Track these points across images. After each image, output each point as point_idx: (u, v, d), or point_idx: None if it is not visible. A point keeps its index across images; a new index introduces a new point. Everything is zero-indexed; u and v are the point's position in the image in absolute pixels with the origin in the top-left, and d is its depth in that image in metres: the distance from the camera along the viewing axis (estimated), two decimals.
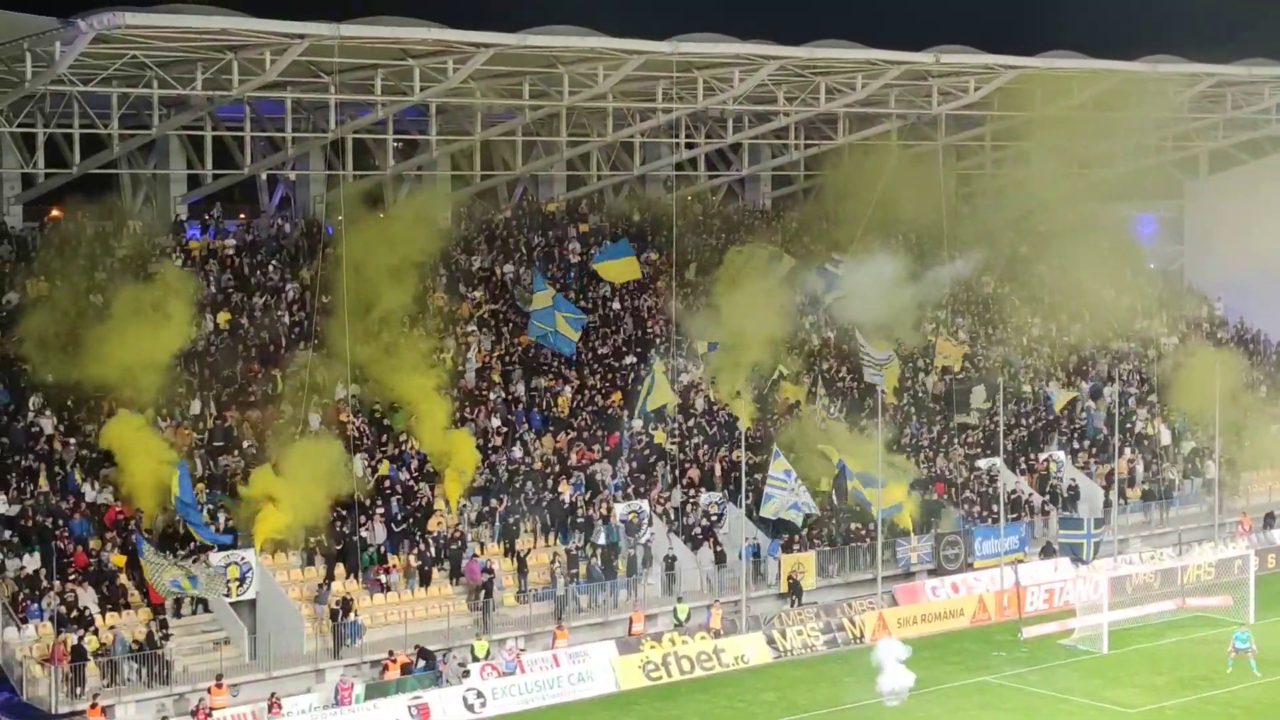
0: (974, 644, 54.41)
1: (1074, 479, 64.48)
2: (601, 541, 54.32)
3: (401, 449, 55.06)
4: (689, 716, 47.60)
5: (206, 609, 48.83)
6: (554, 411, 59.42)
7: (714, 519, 57.04)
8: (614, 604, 53.65)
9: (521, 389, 59.85)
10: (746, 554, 55.17)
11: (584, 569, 53.47)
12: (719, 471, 58.68)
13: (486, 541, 53.88)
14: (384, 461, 54.23)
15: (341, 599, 49.17)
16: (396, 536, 52.32)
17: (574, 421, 59.09)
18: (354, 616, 49.07)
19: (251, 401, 54.34)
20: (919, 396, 66.42)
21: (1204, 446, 67.95)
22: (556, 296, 60.03)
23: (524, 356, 61.25)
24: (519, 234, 67.17)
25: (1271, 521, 65.79)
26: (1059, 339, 73.57)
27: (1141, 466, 67.06)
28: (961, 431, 64.99)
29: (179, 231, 60.62)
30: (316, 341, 54.90)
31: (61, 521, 48.48)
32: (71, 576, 47.08)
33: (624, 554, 54.37)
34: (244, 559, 48.85)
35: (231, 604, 48.63)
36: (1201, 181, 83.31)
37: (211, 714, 44.43)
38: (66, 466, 50.29)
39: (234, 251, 60.68)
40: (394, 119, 60.56)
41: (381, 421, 55.72)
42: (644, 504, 55.85)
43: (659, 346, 62.71)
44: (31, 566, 47.04)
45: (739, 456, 56.42)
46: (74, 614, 45.92)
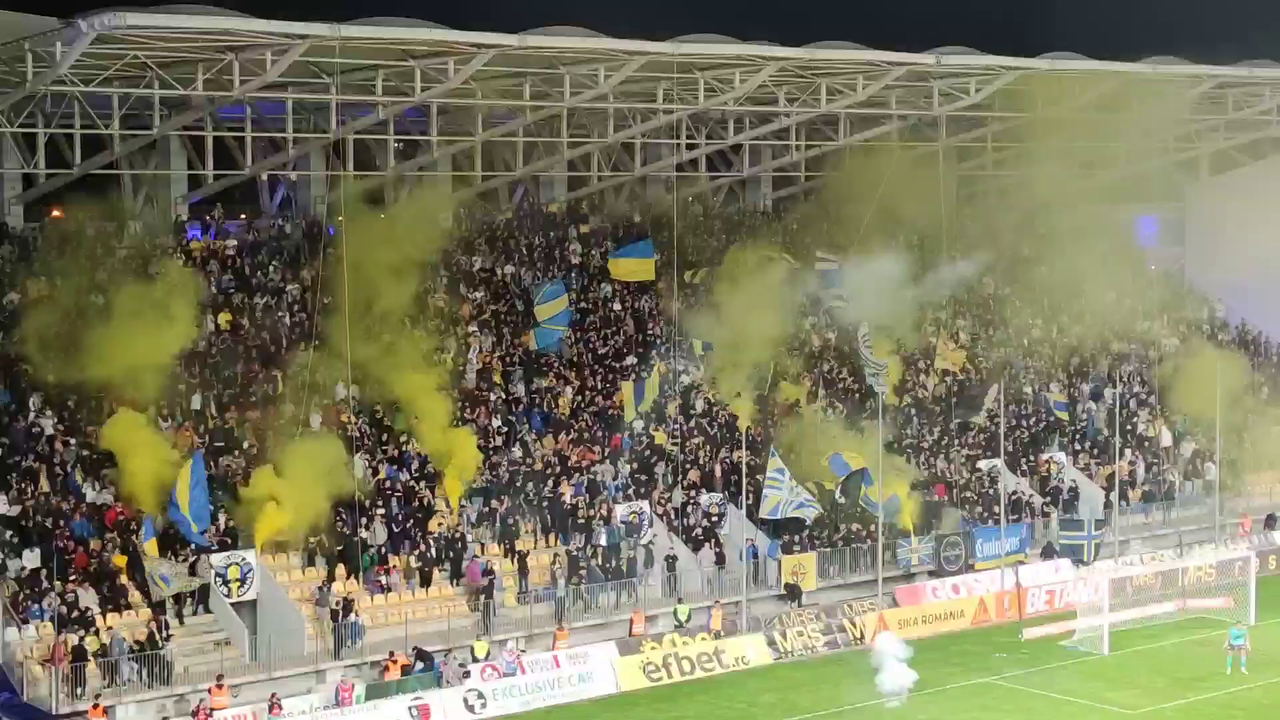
0: (975, 645, 54.37)
1: (1075, 480, 64.47)
2: (602, 542, 54.33)
3: (402, 449, 55.05)
4: (689, 718, 47.58)
5: (207, 609, 48.83)
6: (555, 412, 59.42)
7: (714, 520, 57.04)
8: (614, 605, 53.66)
9: (522, 389, 59.84)
10: (747, 555, 55.15)
11: (585, 570, 53.49)
12: (719, 473, 58.68)
13: (487, 542, 53.85)
14: (383, 465, 54.20)
15: (342, 600, 49.15)
16: (397, 537, 52.31)
17: (575, 422, 59.08)
18: (355, 617, 49.05)
19: (252, 402, 54.33)
20: (920, 398, 66.39)
21: (1205, 448, 67.87)
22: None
23: (525, 357, 61.22)
24: (520, 235, 67.17)
25: (1272, 523, 65.73)
26: (1060, 340, 73.54)
27: (1142, 468, 67.03)
28: (963, 432, 64.94)
29: (180, 232, 60.57)
30: (317, 342, 54.83)
31: (62, 522, 48.46)
32: (72, 577, 47.05)
33: (624, 555, 54.36)
34: (245, 559, 48.89)
35: (232, 604, 48.63)
36: (1203, 183, 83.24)
37: (212, 714, 44.43)
38: (67, 467, 50.26)
39: (235, 252, 60.60)
40: (395, 119, 60.53)
41: (382, 422, 55.71)
42: (644, 505, 55.86)
43: (660, 347, 62.71)
44: (32, 566, 47.02)
45: (739, 457, 56.41)
46: (75, 614, 45.91)
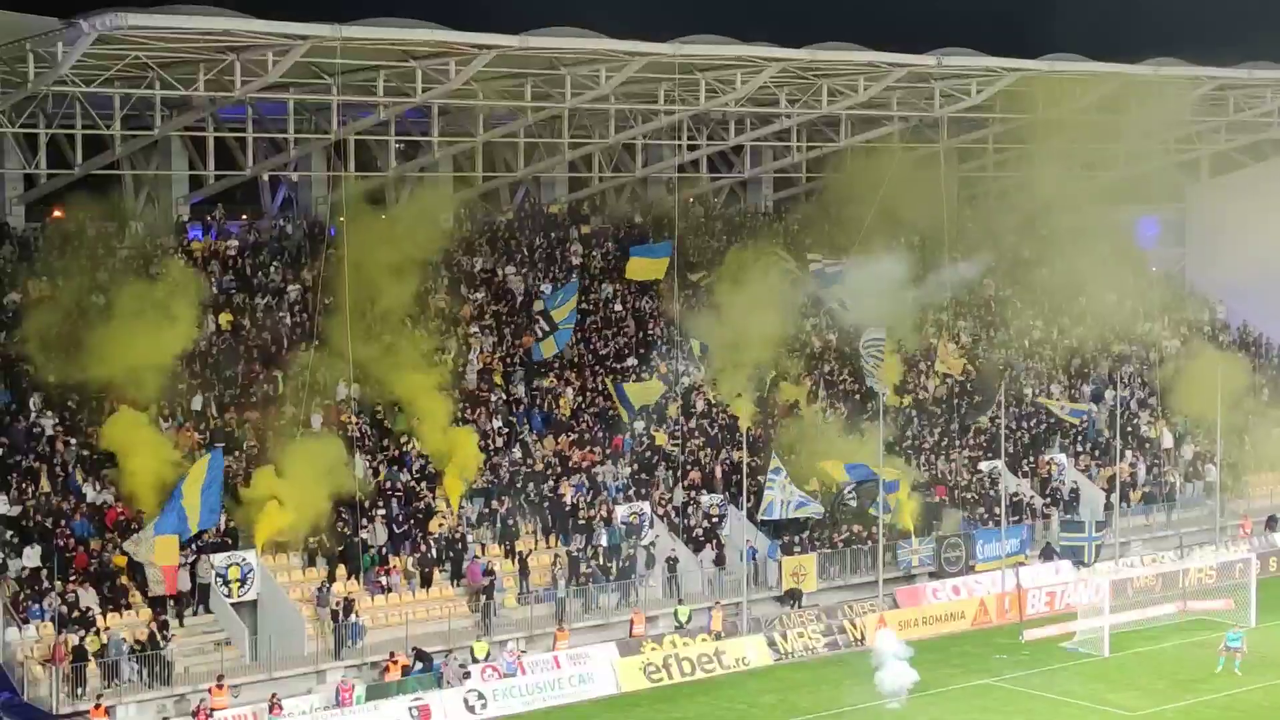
0: (975, 646, 54.38)
1: (1075, 482, 64.46)
2: (603, 543, 54.33)
3: (403, 450, 55.06)
4: (689, 719, 47.59)
5: (208, 610, 48.86)
6: (555, 413, 59.43)
7: (715, 521, 57.04)
8: (615, 606, 53.67)
9: (523, 390, 59.85)
10: (747, 556, 55.15)
11: (585, 570, 53.48)
12: (720, 473, 58.68)
13: (488, 543, 53.86)
14: (383, 466, 54.21)
15: (342, 600, 49.16)
16: (398, 538, 52.33)
17: (575, 423, 59.08)
18: (355, 617, 49.07)
19: (253, 402, 54.34)
20: (920, 399, 66.38)
21: (1206, 450, 67.92)
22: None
23: (525, 358, 61.23)
24: (521, 235, 67.18)
25: (1273, 524, 65.75)
26: (1061, 342, 73.54)
27: (1143, 469, 67.04)
28: (964, 433, 64.92)
29: (181, 232, 60.58)
30: (318, 342, 54.84)
31: (63, 522, 48.47)
32: (73, 577, 47.08)
33: (625, 556, 54.36)
34: (245, 560, 48.93)
35: (233, 605, 48.67)
36: (1203, 184, 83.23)
37: (212, 715, 44.46)
38: (68, 467, 50.27)
39: (236, 252, 60.59)
40: (396, 120, 60.47)
41: (383, 423, 55.71)
42: (645, 506, 55.87)
43: (660, 348, 62.71)
44: (32, 565, 47.05)
45: (740, 458, 56.42)
46: (75, 614, 45.94)
